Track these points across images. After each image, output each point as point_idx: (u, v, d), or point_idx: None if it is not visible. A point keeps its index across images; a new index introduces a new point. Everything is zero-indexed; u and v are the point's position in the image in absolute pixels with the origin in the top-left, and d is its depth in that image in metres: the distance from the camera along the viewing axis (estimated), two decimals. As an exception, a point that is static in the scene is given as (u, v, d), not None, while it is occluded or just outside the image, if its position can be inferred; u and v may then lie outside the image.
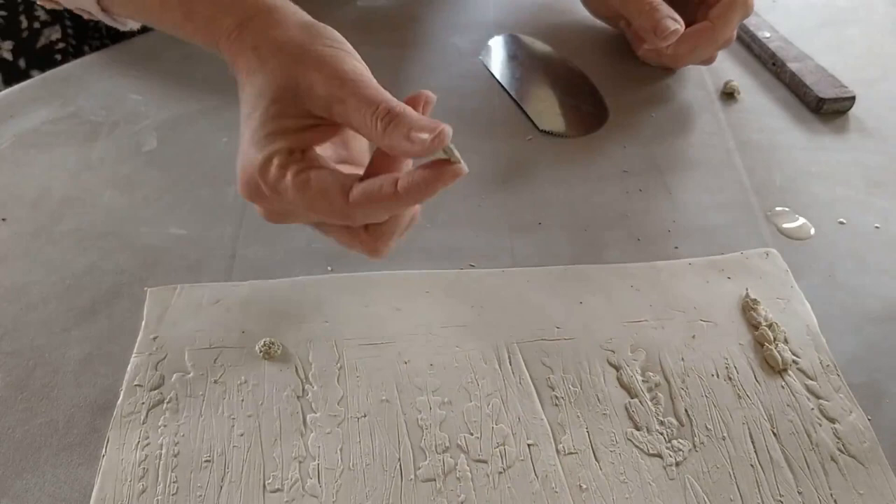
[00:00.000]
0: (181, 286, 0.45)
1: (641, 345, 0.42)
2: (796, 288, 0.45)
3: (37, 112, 0.57)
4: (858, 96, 0.59)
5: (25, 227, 0.48)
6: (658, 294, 0.45)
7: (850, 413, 0.39)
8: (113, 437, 0.38)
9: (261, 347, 0.41)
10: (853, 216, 0.51)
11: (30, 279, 0.45)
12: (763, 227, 0.50)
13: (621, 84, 0.61)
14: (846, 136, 0.57)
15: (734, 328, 0.43)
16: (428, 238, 0.48)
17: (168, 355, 0.41)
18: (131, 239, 0.48)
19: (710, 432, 0.39)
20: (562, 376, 0.41)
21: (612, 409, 0.39)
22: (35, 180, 0.52)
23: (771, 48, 0.63)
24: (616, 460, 0.37)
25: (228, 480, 0.36)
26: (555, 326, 0.43)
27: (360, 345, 0.42)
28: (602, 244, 0.48)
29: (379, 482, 0.36)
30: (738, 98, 0.61)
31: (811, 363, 0.41)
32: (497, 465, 0.37)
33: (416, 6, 0.70)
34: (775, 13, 0.69)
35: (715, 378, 0.41)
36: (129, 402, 0.39)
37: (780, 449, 0.38)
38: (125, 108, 0.57)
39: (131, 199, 0.51)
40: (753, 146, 0.56)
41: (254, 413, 0.39)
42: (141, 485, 0.36)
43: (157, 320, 0.43)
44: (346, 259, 0.47)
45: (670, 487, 0.36)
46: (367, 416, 0.39)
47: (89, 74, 0.60)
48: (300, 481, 0.36)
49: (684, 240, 0.49)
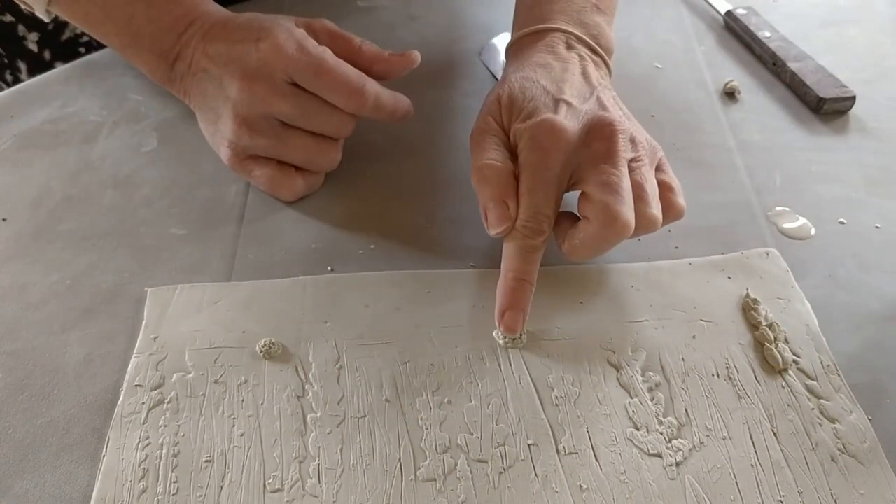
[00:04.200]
0: (181, 286, 0.45)
1: (641, 345, 0.42)
2: (797, 288, 0.45)
3: (37, 112, 0.57)
4: (858, 96, 0.59)
5: (25, 227, 0.48)
6: (658, 294, 0.45)
7: (850, 413, 0.39)
8: (113, 437, 0.38)
9: (261, 347, 0.41)
10: (853, 216, 0.51)
11: (30, 279, 0.45)
12: (763, 227, 0.50)
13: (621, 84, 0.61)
14: (846, 136, 0.57)
15: (734, 328, 0.43)
16: (428, 238, 0.49)
17: (168, 355, 0.41)
18: (131, 239, 0.48)
19: (710, 432, 0.39)
20: (562, 376, 0.41)
21: (613, 409, 0.39)
22: (35, 180, 0.52)
23: (771, 48, 0.63)
24: (616, 460, 0.37)
25: (229, 480, 0.36)
26: (555, 326, 0.43)
27: (360, 345, 0.42)
28: (602, 244, 0.48)
29: (379, 482, 0.36)
30: (738, 98, 0.61)
31: (811, 363, 0.41)
32: (497, 465, 0.37)
33: (416, 6, 0.70)
34: (775, 13, 0.69)
35: (715, 378, 0.41)
36: (130, 403, 0.39)
37: (780, 449, 0.38)
38: (125, 108, 0.57)
39: (131, 199, 0.51)
40: (753, 146, 0.56)
41: (254, 413, 0.39)
42: (141, 485, 0.36)
43: (157, 320, 0.43)
44: (346, 259, 0.47)
45: (670, 487, 0.36)
46: (368, 416, 0.39)
47: (89, 74, 0.60)
48: (300, 481, 0.36)
49: (684, 240, 0.49)
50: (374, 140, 0.55)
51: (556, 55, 0.48)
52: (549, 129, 0.42)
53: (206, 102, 0.49)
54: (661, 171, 0.46)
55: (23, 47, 0.67)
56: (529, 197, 0.42)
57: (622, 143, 0.43)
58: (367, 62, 0.49)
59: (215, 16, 0.49)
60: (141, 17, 0.49)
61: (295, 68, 0.46)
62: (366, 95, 0.47)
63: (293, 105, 0.47)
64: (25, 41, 0.67)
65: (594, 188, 0.41)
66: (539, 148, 0.42)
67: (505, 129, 0.45)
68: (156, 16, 0.49)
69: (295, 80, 0.46)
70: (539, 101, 0.44)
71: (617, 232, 0.41)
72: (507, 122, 0.45)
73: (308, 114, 0.47)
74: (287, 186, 0.49)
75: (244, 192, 0.51)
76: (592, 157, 0.42)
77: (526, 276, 0.42)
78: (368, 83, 0.47)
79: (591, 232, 0.41)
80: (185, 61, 0.49)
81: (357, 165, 0.53)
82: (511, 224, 0.42)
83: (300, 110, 0.47)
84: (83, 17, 0.51)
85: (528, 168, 0.43)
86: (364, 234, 0.49)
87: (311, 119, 0.48)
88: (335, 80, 0.46)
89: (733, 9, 0.68)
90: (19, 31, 0.67)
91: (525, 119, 0.44)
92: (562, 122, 0.43)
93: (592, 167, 0.42)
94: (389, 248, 0.48)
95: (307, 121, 0.48)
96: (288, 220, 0.50)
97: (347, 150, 0.51)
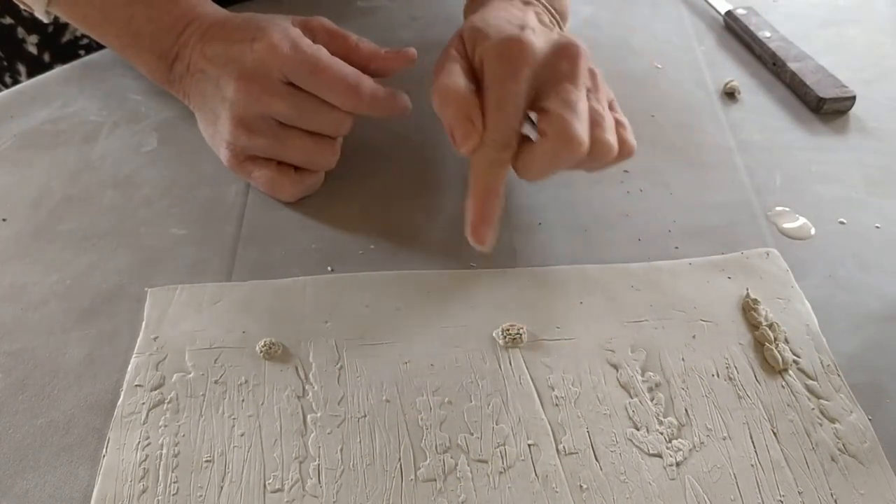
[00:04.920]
0: (181, 286, 0.45)
1: (641, 345, 0.42)
2: (797, 288, 0.45)
3: (37, 112, 0.57)
4: (858, 96, 0.59)
5: (25, 227, 0.48)
6: (658, 294, 0.45)
7: (850, 413, 0.39)
8: (113, 438, 0.38)
9: (261, 347, 0.41)
10: (853, 216, 0.51)
11: (30, 279, 0.45)
12: (763, 226, 0.50)
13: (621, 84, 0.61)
14: (846, 136, 0.57)
15: (734, 328, 0.43)
16: (428, 238, 0.49)
17: (168, 355, 0.41)
18: (131, 239, 0.48)
19: (710, 432, 0.39)
20: (562, 376, 0.41)
21: (613, 409, 0.39)
22: (35, 180, 0.52)
23: (771, 48, 0.63)
24: (616, 460, 0.37)
25: (229, 480, 0.36)
26: (555, 326, 0.43)
27: (360, 345, 0.42)
28: (602, 244, 0.48)
29: (379, 482, 0.36)
30: (739, 98, 0.61)
31: (811, 363, 0.41)
32: (497, 465, 0.37)
33: (416, 6, 0.70)
34: (775, 13, 0.69)
35: (715, 378, 0.41)
36: (130, 403, 0.39)
37: (780, 449, 0.38)
38: (125, 108, 0.57)
39: (131, 199, 0.51)
40: (753, 146, 0.56)
41: (254, 413, 0.39)
42: (141, 485, 0.36)
43: (157, 320, 0.43)
44: (346, 259, 0.47)
45: (670, 487, 0.36)
46: (368, 417, 0.39)
47: (89, 75, 0.60)
48: (301, 481, 0.36)
49: (684, 240, 0.49)
50: (373, 140, 0.55)
51: (514, 6, 0.48)
52: (517, 43, 0.43)
53: (204, 103, 0.49)
54: (613, 109, 0.46)
55: (22, 50, 0.67)
56: (497, 112, 0.42)
57: (584, 66, 0.44)
58: (364, 60, 0.49)
59: (213, 16, 0.49)
60: (140, 17, 0.49)
61: (290, 67, 0.46)
62: (362, 93, 0.47)
63: (290, 104, 0.47)
64: (25, 44, 0.67)
65: (554, 103, 0.42)
66: (507, 62, 0.43)
67: (468, 58, 0.45)
68: (155, 16, 0.49)
69: (291, 79, 0.46)
70: (504, 26, 0.45)
71: (572, 150, 0.41)
72: (470, 50, 0.45)
73: (305, 113, 0.47)
74: (286, 187, 0.49)
75: (244, 192, 0.51)
76: (555, 75, 0.43)
77: (495, 189, 0.42)
78: (364, 80, 0.47)
79: (546, 147, 0.42)
80: (184, 62, 0.49)
81: (357, 165, 0.53)
82: (478, 139, 0.42)
83: (297, 110, 0.47)
84: (82, 17, 0.51)
85: (495, 83, 0.43)
86: (364, 234, 0.49)
87: (309, 118, 0.48)
88: (331, 78, 0.46)
89: (733, 9, 0.68)
90: (19, 34, 0.67)
91: (490, 40, 0.44)
92: (529, 38, 0.43)
93: (554, 85, 0.42)
94: (389, 248, 0.48)
95: (304, 120, 0.48)
96: (288, 220, 0.50)
97: (347, 150, 0.51)
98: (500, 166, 0.43)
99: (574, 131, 0.41)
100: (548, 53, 0.44)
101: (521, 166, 0.43)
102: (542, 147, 0.42)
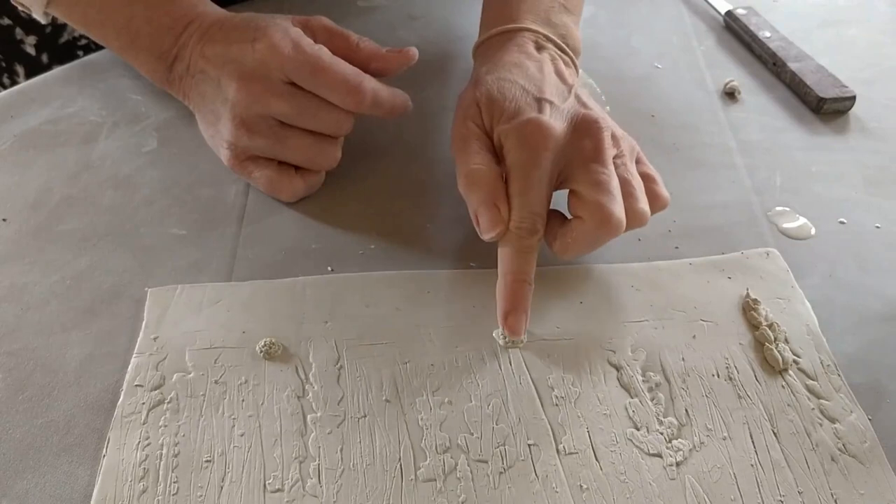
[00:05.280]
0: (181, 286, 0.45)
1: (642, 345, 0.42)
2: (797, 288, 0.45)
3: (37, 112, 0.57)
4: (858, 96, 0.59)
5: (25, 228, 0.48)
6: (658, 294, 0.45)
7: (850, 413, 0.39)
8: (113, 438, 0.38)
9: (261, 347, 0.41)
10: (853, 216, 0.51)
11: (30, 279, 0.45)
12: (763, 226, 0.50)
13: (621, 84, 0.61)
14: (846, 136, 0.57)
15: (734, 328, 0.43)
16: (428, 238, 0.49)
17: (168, 355, 0.41)
18: (131, 239, 0.48)
19: (710, 432, 0.39)
20: (562, 376, 0.41)
21: (613, 409, 0.39)
22: (35, 180, 0.52)
23: (771, 48, 0.63)
24: (616, 460, 0.37)
25: (229, 480, 0.36)
26: (555, 326, 0.43)
27: (360, 345, 0.42)
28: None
29: (379, 482, 0.36)
30: (739, 98, 0.61)
31: (812, 363, 0.41)
32: (497, 465, 0.37)
33: (416, 6, 0.70)
34: (775, 13, 0.69)
35: (715, 378, 0.41)
36: (130, 403, 0.39)
37: (780, 449, 0.38)
38: (125, 108, 0.57)
39: (131, 200, 0.51)
40: (754, 146, 0.56)
41: (254, 413, 0.39)
42: (142, 485, 0.36)
43: (157, 320, 0.43)
44: (346, 259, 0.47)
45: (671, 487, 0.36)
46: (368, 417, 0.39)
47: (89, 75, 0.60)
48: (301, 481, 0.36)
49: (684, 240, 0.49)
50: (374, 140, 0.55)
51: (528, 55, 0.48)
52: (537, 128, 0.43)
53: (204, 104, 0.49)
54: (641, 163, 0.46)
55: (21, 51, 0.67)
56: (521, 197, 0.42)
57: (608, 140, 0.43)
58: (365, 59, 0.49)
59: (212, 16, 0.49)
60: (139, 18, 0.49)
61: (291, 67, 0.46)
62: (363, 92, 0.47)
63: (291, 104, 0.47)
64: (23, 44, 0.67)
65: (586, 188, 0.42)
66: (528, 148, 0.42)
67: (487, 132, 0.45)
68: (154, 17, 0.49)
69: (292, 79, 0.46)
70: (521, 101, 0.44)
71: (610, 230, 0.41)
72: (488, 124, 0.45)
73: (306, 113, 0.47)
74: (287, 187, 0.49)
75: (244, 192, 0.51)
76: (580, 155, 0.43)
77: (525, 277, 0.42)
78: (365, 80, 0.47)
79: (584, 230, 0.42)
80: (184, 62, 0.49)
81: (357, 165, 0.53)
82: (504, 227, 0.42)
83: (298, 109, 0.47)
84: (81, 18, 0.51)
85: (517, 168, 0.43)
86: (364, 234, 0.49)
87: (310, 118, 0.48)
88: (332, 77, 0.46)
89: (733, 9, 0.68)
90: (17, 35, 0.66)
91: (509, 120, 0.44)
92: (549, 122, 0.43)
93: (581, 166, 0.42)
94: (389, 248, 0.48)
95: (305, 120, 0.48)
96: (288, 220, 0.50)
97: (347, 150, 0.51)
98: (529, 252, 0.42)
99: (610, 213, 0.41)
100: (569, 133, 0.43)
101: (559, 249, 0.43)
102: (580, 230, 0.42)
